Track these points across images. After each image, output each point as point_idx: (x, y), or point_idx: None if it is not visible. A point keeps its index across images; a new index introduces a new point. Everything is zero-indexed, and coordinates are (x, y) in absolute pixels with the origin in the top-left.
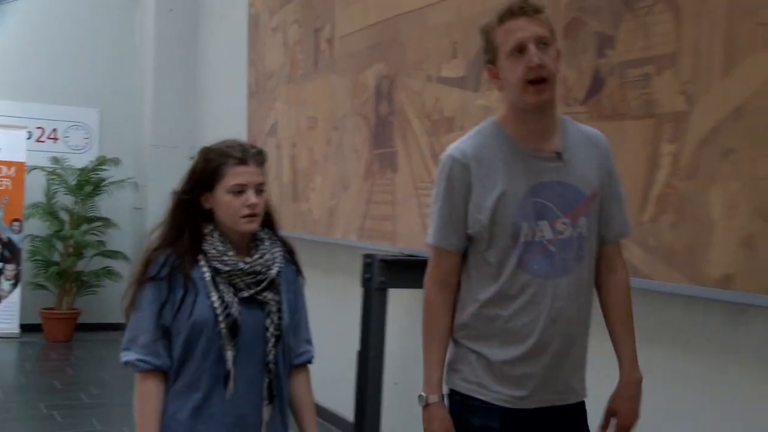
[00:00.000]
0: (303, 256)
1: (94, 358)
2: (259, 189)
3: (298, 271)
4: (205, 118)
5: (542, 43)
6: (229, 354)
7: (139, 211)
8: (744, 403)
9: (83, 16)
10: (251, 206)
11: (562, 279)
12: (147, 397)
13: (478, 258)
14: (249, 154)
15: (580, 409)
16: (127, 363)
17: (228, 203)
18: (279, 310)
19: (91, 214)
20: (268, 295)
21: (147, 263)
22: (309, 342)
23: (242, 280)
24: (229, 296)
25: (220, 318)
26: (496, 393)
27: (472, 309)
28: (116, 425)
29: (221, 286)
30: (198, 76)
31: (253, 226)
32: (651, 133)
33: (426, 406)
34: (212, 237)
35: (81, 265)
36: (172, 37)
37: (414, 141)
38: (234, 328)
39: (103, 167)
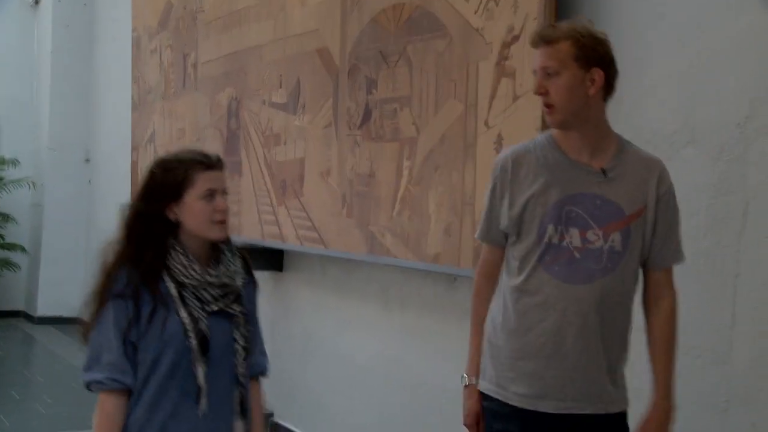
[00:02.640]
0: None
1: None
2: (225, 192)
3: (253, 281)
4: (97, 125)
5: (548, 71)
6: (200, 370)
7: (36, 208)
8: (456, 345)
9: None
10: (223, 211)
11: (583, 287)
12: (110, 419)
13: (508, 253)
14: (213, 160)
15: (612, 422)
16: (91, 382)
17: (200, 209)
18: (246, 322)
19: None
20: (236, 307)
21: (107, 280)
22: (263, 353)
23: (209, 293)
24: (196, 311)
25: (191, 333)
26: (512, 393)
27: (496, 302)
28: (3, 388)
29: (188, 301)
30: (91, 86)
31: (225, 233)
32: (397, 152)
33: (466, 385)
34: (175, 250)
35: None
36: (68, 50)
37: (254, 152)
38: (204, 342)
39: (2, 167)
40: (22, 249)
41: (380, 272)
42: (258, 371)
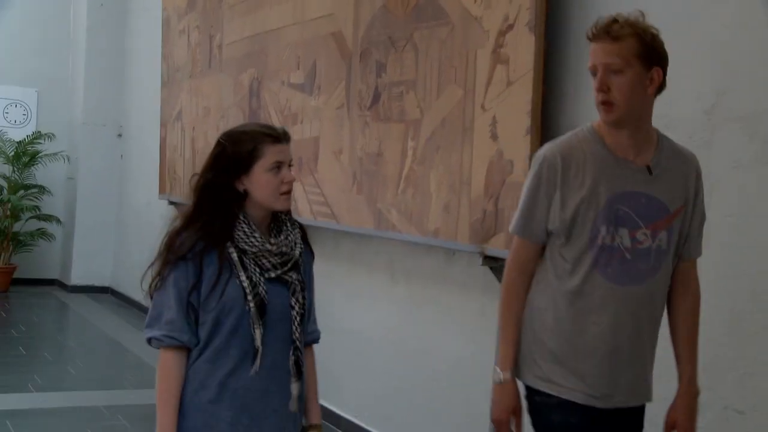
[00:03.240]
0: None
1: (26, 305)
2: (291, 165)
3: (311, 252)
4: (129, 101)
5: (612, 69)
6: (258, 332)
7: (71, 181)
8: (456, 312)
9: (24, 9)
10: (290, 182)
11: (635, 288)
12: (169, 373)
13: (555, 253)
14: (280, 133)
15: (640, 411)
16: (151, 339)
17: (268, 181)
18: (303, 290)
19: (27, 182)
20: (293, 275)
21: (174, 243)
22: (315, 322)
23: (269, 261)
24: (256, 276)
25: (249, 297)
26: (567, 389)
27: (547, 302)
28: (38, 350)
29: (249, 266)
30: (123, 64)
31: (289, 203)
32: (402, 133)
33: (500, 381)
34: (239, 220)
35: (17, 227)
36: (101, 28)
37: None
38: (262, 306)
39: (39, 141)
40: (58, 220)
41: (387, 246)
42: (312, 339)
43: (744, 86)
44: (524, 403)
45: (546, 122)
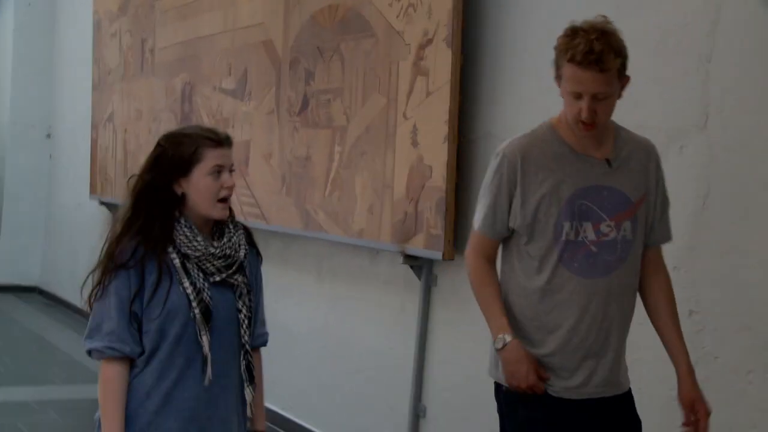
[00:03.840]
0: None
1: None
2: (232, 170)
3: (257, 254)
4: (59, 102)
5: (596, 98)
6: (205, 339)
7: None
8: (379, 308)
9: None
10: (230, 188)
11: (603, 279)
12: (112, 385)
13: (521, 251)
14: (222, 137)
15: (626, 398)
16: (91, 351)
17: (207, 186)
18: (249, 292)
19: None
20: (239, 278)
21: (113, 251)
22: (264, 324)
23: (212, 264)
24: (200, 282)
25: (194, 303)
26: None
27: (515, 300)
28: None
29: (192, 272)
30: (53, 65)
31: (226, 212)
32: (330, 138)
33: (502, 347)
34: (179, 223)
35: None
36: (29, 29)
37: None
38: (207, 312)
39: None
40: None
41: (314, 246)
42: (260, 342)
43: None
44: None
45: (462, 130)
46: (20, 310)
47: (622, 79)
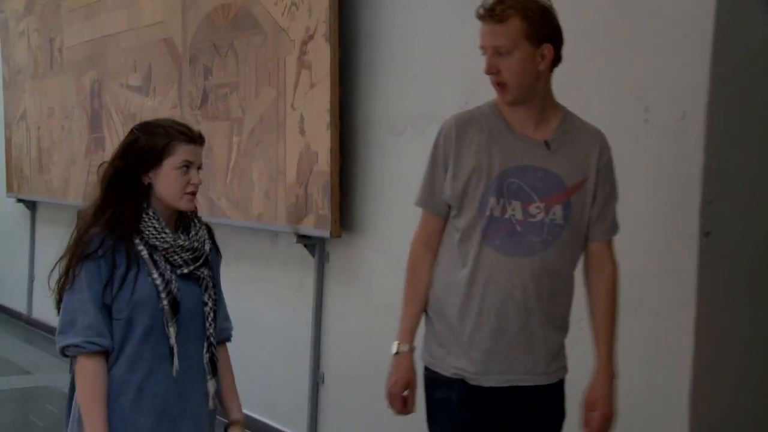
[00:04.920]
0: (48, 215)
1: None
2: (200, 168)
3: (218, 251)
4: None
5: (499, 50)
6: (172, 331)
7: None
8: (279, 287)
9: None
10: (196, 185)
11: (525, 260)
12: (94, 380)
13: (450, 225)
14: (194, 135)
15: (550, 391)
16: (67, 347)
17: (175, 179)
18: (214, 286)
19: None
20: (204, 271)
21: (82, 241)
22: (227, 319)
23: (180, 257)
24: (168, 273)
25: (162, 295)
26: (455, 369)
27: (439, 278)
28: None
29: (159, 263)
30: None
31: (192, 205)
32: (228, 130)
33: (395, 354)
34: (147, 215)
35: None
36: None
37: (114, 129)
38: (175, 304)
39: None
40: None
41: (219, 231)
42: (224, 336)
43: None
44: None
45: (343, 118)
46: None
47: (540, 46)
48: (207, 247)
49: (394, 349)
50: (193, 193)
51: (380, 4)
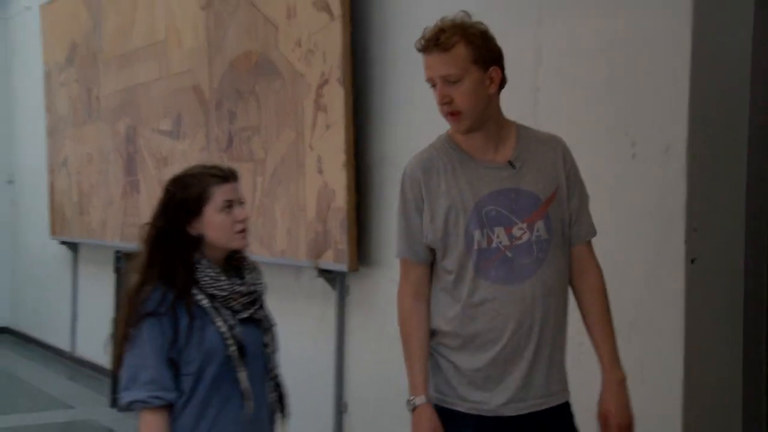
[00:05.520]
0: (89, 255)
1: None
2: (242, 202)
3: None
4: (18, 149)
5: (449, 79)
6: (243, 375)
7: None
8: (303, 319)
9: None
10: (243, 221)
11: (524, 283)
12: None
13: (438, 267)
14: (227, 172)
15: (563, 410)
16: (133, 402)
17: (222, 222)
18: (273, 325)
19: None
20: (261, 312)
21: (137, 301)
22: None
23: (238, 302)
24: (231, 320)
25: (229, 342)
26: (471, 402)
27: (440, 319)
28: None
29: (221, 311)
30: (11, 114)
31: (246, 240)
32: (252, 170)
33: (414, 409)
34: (200, 264)
35: None
36: None
37: (148, 172)
38: (242, 349)
39: None
40: None
41: None
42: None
43: None
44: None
45: (358, 157)
46: None
47: (488, 69)
48: (261, 287)
49: (410, 406)
50: (244, 230)
51: (389, 48)
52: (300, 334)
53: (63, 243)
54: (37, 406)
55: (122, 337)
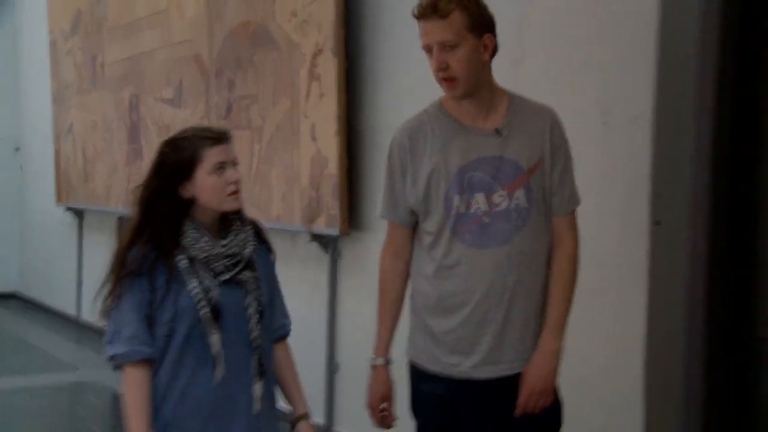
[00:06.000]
0: (94, 222)
1: None
2: (235, 164)
3: (269, 249)
4: (25, 117)
5: (446, 45)
6: (215, 337)
7: None
8: (298, 282)
9: None
10: (235, 182)
11: (499, 249)
12: (138, 387)
13: (420, 229)
14: (219, 134)
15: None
16: (114, 356)
17: (213, 184)
18: (258, 287)
19: None
20: (247, 274)
21: (123, 258)
22: (285, 316)
23: (219, 263)
24: (208, 281)
25: (203, 303)
26: (444, 363)
27: (418, 280)
28: None
29: (200, 272)
30: (17, 82)
31: (238, 203)
32: (250, 138)
33: (372, 366)
34: (186, 226)
35: None
36: None
37: (151, 140)
38: (216, 311)
39: None
40: None
41: None
42: (282, 333)
43: None
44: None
45: (350, 125)
46: (0, 315)
47: (482, 36)
48: (248, 250)
49: (370, 362)
50: (236, 192)
51: (381, 19)
52: (296, 296)
53: (68, 209)
54: (44, 368)
55: (109, 293)
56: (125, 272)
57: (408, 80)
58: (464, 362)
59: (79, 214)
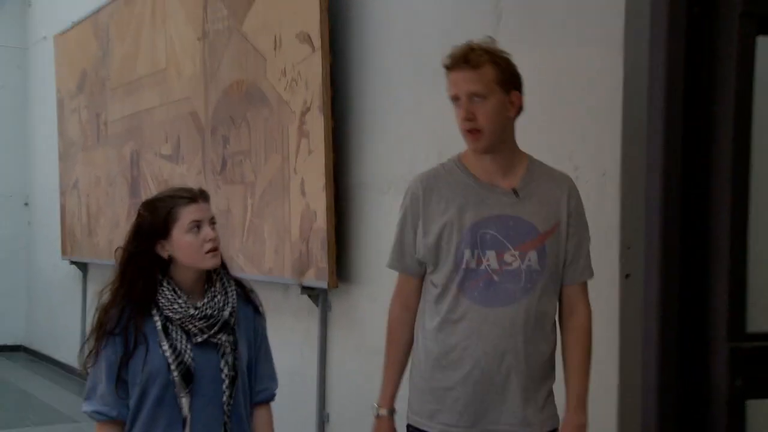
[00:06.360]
0: (97, 276)
1: None
2: (213, 222)
3: (257, 310)
4: (34, 173)
5: (475, 96)
6: (184, 401)
7: None
8: (290, 334)
9: None
10: (212, 240)
11: (505, 309)
12: None
13: (427, 281)
14: (195, 193)
15: None
16: (86, 413)
17: (189, 243)
18: (234, 350)
19: None
20: (222, 337)
21: (102, 318)
22: (272, 379)
23: (194, 326)
24: (181, 343)
25: (173, 366)
26: (441, 425)
27: (422, 330)
28: None
29: (174, 334)
30: (26, 140)
31: (217, 260)
32: (243, 192)
33: (377, 416)
34: (162, 286)
35: None
36: (4, 108)
37: (150, 194)
38: (188, 374)
39: None
40: None
41: None
42: (264, 397)
43: None
44: None
45: (338, 180)
46: (6, 367)
47: (509, 92)
48: (226, 312)
49: (374, 412)
50: (214, 249)
51: (367, 77)
52: (287, 349)
53: (73, 263)
54: (45, 421)
55: (90, 352)
56: (102, 331)
57: (392, 136)
58: (461, 422)
59: (83, 267)
